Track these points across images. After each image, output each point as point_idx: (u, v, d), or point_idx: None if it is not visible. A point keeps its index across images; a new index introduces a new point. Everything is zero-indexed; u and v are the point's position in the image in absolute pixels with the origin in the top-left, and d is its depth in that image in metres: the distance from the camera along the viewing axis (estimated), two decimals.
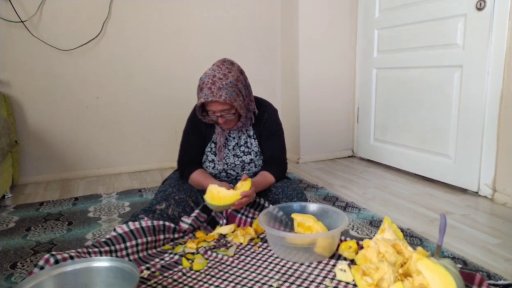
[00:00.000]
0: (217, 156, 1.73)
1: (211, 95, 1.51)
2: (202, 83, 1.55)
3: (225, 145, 1.74)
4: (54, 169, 2.65)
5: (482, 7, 1.97)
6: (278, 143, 1.80)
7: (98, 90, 2.68)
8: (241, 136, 1.76)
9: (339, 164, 2.93)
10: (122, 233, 1.39)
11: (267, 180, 1.72)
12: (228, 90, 1.53)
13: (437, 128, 2.32)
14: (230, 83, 1.54)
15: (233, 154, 1.75)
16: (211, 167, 1.75)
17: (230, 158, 1.75)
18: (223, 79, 1.53)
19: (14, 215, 1.94)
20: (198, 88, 1.58)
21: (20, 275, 1.34)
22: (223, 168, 1.75)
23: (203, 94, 1.52)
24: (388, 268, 1.12)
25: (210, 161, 1.75)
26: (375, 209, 1.95)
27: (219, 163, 1.74)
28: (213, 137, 1.75)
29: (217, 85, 1.52)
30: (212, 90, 1.51)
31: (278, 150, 1.79)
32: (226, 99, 1.52)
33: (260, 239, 1.55)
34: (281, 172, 1.79)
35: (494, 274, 1.26)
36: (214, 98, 1.51)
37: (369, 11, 2.80)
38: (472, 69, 2.07)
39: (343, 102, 3.07)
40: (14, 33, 2.43)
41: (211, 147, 1.75)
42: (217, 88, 1.51)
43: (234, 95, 1.55)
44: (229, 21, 2.94)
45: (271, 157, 1.78)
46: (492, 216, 1.82)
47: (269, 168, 1.75)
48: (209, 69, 1.59)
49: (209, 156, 1.75)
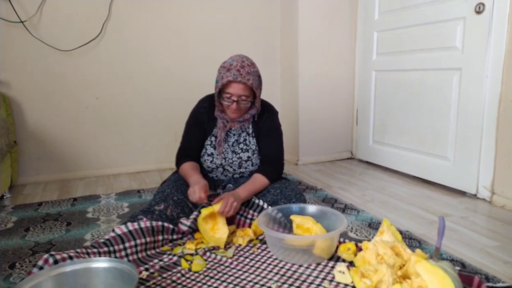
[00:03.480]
0: (216, 150, 1.73)
1: (240, 76, 1.57)
2: (229, 65, 1.60)
3: (225, 140, 1.75)
4: (53, 169, 2.64)
5: (481, 10, 1.98)
6: (276, 143, 1.80)
7: (98, 90, 2.68)
8: (241, 133, 1.77)
9: (338, 166, 2.94)
10: (121, 233, 1.39)
11: (259, 184, 1.69)
12: (254, 77, 1.63)
13: (436, 131, 2.32)
14: (256, 72, 1.65)
15: (232, 150, 1.75)
16: (209, 160, 1.75)
17: (229, 154, 1.75)
18: (251, 66, 1.63)
19: (12, 216, 1.93)
20: (223, 70, 1.62)
21: (18, 276, 1.33)
22: (221, 163, 1.75)
23: (231, 74, 1.57)
24: (386, 270, 1.12)
25: (209, 154, 1.75)
26: (374, 211, 1.95)
27: (218, 157, 1.74)
28: (213, 131, 1.76)
29: (245, 69, 1.60)
30: (240, 72, 1.58)
31: (275, 150, 1.79)
32: (253, 84, 1.61)
33: (259, 241, 1.55)
34: (277, 173, 1.78)
35: (492, 277, 1.26)
36: (243, 80, 1.58)
37: (368, 13, 2.81)
38: (471, 72, 2.07)
39: (343, 104, 3.07)
40: (14, 33, 2.43)
41: (211, 140, 1.76)
42: (246, 72, 1.59)
43: (258, 84, 1.66)
44: (229, 23, 2.95)
45: (267, 157, 1.77)
46: (490, 219, 1.82)
47: (264, 169, 1.74)
48: (234, 56, 1.66)
49: (208, 149, 1.75)
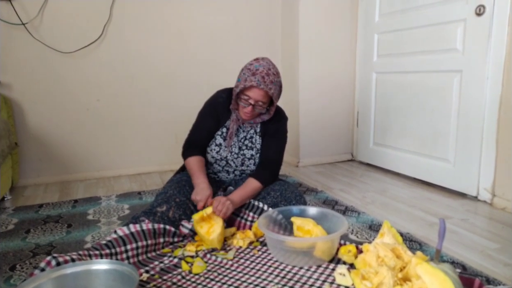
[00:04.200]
0: (226, 141, 1.74)
1: (264, 83, 1.60)
2: (255, 69, 1.62)
3: (236, 134, 1.76)
4: (54, 171, 2.65)
5: (481, 12, 1.98)
6: (277, 147, 1.79)
7: (99, 92, 2.69)
8: (249, 131, 1.78)
9: (339, 167, 2.93)
10: (122, 235, 1.39)
11: (250, 189, 1.67)
12: (276, 87, 1.66)
13: (437, 133, 2.32)
14: (279, 82, 1.68)
15: (238, 145, 1.76)
16: (216, 151, 1.75)
17: (236, 148, 1.76)
18: (276, 75, 1.65)
19: (13, 217, 1.93)
20: (248, 72, 1.62)
21: (19, 277, 1.34)
22: (226, 155, 1.76)
23: (255, 79, 1.59)
24: (387, 273, 1.12)
25: (217, 144, 1.75)
26: (374, 213, 1.95)
27: (225, 150, 1.75)
28: (227, 123, 1.77)
29: (270, 77, 1.62)
30: (265, 79, 1.60)
31: (275, 153, 1.78)
32: (274, 94, 1.64)
33: (259, 243, 1.55)
34: (270, 177, 1.77)
35: (493, 279, 1.26)
36: (265, 88, 1.60)
37: (369, 15, 2.81)
38: (471, 74, 2.07)
39: (343, 105, 3.08)
40: (15, 35, 2.44)
41: (222, 131, 1.76)
42: (270, 81, 1.62)
43: (278, 93, 1.69)
44: (230, 25, 2.95)
45: (265, 158, 1.77)
46: (491, 221, 1.82)
47: (258, 173, 1.73)
48: (261, 60, 1.66)
49: (218, 139, 1.76)
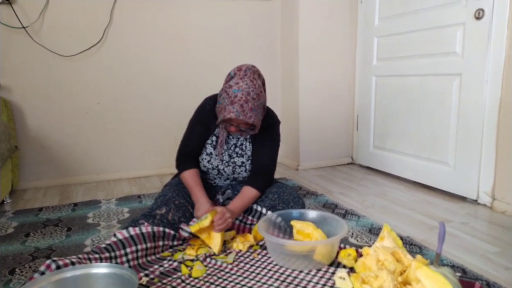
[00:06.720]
0: (216, 150, 1.73)
1: (242, 113, 1.51)
2: (234, 96, 1.52)
3: (226, 141, 1.75)
4: (54, 174, 2.65)
5: (480, 16, 1.99)
6: (270, 152, 1.76)
7: (99, 96, 2.69)
8: (240, 138, 1.76)
9: (339, 171, 2.93)
10: (122, 238, 1.38)
11: (248, 199, 1.67)
12: (257, 112, 1.55)
13: (436, 136, 2.32)
14: (260, 105, 1.57)
15: (229, 153, 1.75)
16: (207, 160, 1.74)
17: (226, 156, 1.74)
18: (256, 99, 1.54)
19: (13, 221, 1.93)
20: (227, 99, 1.53)
21: (18, 281, 1.33)
22: (217, 164, 1.74)
23: (234, 109, 1.51)
24: (387, 276, 1.12)
25: (208, 153, 1.74)
26: (374, 216, 1.95)
27: (216, 158, 1.73)
28: (216, 130, 1.74)
29: (249, 104, 1.52)
30: (243, 108, 1.51)
31: (268, 159, 1.75)
32: (255, 121, 1.54)
33: (259, 246, 1.55)
34: (266, 184, 1.75)
35: (493, 283, 1.25)
36: (245, 118, 1.52)
37: (368, 19, 2.82)
38: (471, 77, 2.08)
39: (343, 109, 3.08)
40: (16, 39, 2.44)
41: (212, 140, 1.75)
42: (249, 109, 1.52)
43: (260, 116, 1.59)
44: (229, 28, 2.96)
45: (258, 164, 1.74)
46: (491, 225, 1.82)
47: (253, 180, 1.70)
48: (241, 80, 1.56)
49: (208, 148, 1.74)
